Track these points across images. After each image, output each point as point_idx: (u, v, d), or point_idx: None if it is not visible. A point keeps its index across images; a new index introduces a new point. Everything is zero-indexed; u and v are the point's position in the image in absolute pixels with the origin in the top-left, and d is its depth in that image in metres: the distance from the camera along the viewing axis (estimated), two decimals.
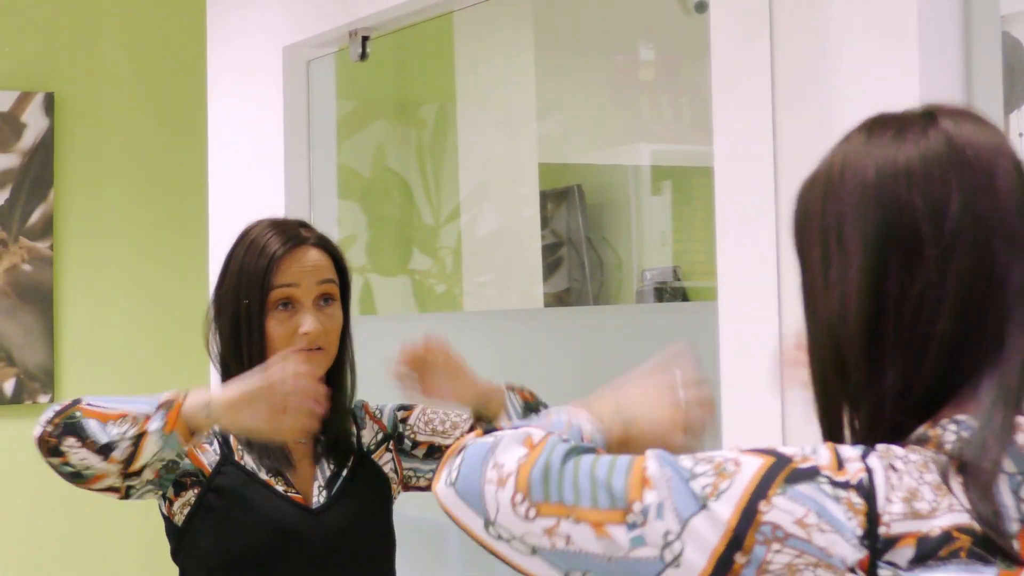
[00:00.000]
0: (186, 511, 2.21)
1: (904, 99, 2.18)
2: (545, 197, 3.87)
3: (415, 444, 2.34)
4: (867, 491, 1.15)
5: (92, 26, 5.10)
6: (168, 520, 2.24)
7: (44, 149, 5.00)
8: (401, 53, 4.05)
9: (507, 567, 1.31)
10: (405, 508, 2.48)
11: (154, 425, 2.02)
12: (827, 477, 1.16)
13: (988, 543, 1.16)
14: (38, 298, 4.98)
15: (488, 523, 1.24)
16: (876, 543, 1.14)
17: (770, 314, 2.39)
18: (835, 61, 2.30)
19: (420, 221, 4.27)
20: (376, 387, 2.39)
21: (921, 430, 1.22)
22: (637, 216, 3.89)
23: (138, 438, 2.02)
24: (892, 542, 1.14)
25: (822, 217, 1.27)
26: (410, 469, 2.34)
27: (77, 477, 2.07)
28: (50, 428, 2.04)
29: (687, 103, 3.64)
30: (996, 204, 1.22)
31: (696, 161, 3.50)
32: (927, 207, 1.22)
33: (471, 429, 2.30)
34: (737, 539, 1.15)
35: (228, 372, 2.22)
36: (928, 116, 1.27)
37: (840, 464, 1.17)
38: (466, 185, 4.14)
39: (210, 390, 2.07)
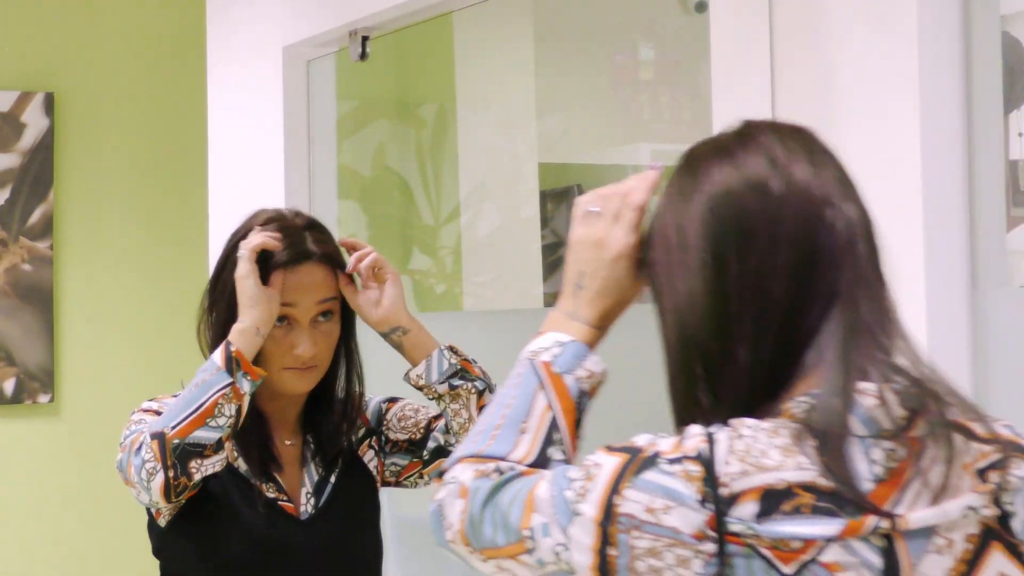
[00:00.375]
0: (173, 513, 2.18)
1: (904, 99, 2.19)
2: (545, 197, 3.86)
3: (387, 440, 2.32)
4: (706, 459, 1.24)
5: (92, 26, 5.10)
6: (152, 518, 2.21)
7: (44, 149, 5.00)
8: (401, 53, 4.04)
9: None
10: (404, 508, 2.48)
11: (245, 387, 2.09)
12: (665, 459, 1.26)
13: (835, 498, 1.23)
14: (38, 298, 4.98)
15: (473, 567, 1.37)
16: (719, 503, 1.23)
17: None
18: (835, 61, 2.30)
19: (420, 221, 4.27)
20: (376, 386, 2.39)
21: (777, 406, 1.29)
22: None
23: (238, 408, 2.09)
24: (734, 499, 1.23)
25: (665, 244, 1.35)
26: (385, 464, 2.33)
27: (197, 485, 2.10)
28: (170, 473, 2.06)
29: (687, 103, 3.64)
30: (812, 173, 1.32)
31: None
32: (750, 188, 1.31)
33: (435, 419, 2.29)
34: (604, 534, 1.26)
35: None
36: (745, 127, 1.37)
37: (680, 442, 1.27)
38: (466, 185, 4.14)
39: (237, 330, 2.11)
